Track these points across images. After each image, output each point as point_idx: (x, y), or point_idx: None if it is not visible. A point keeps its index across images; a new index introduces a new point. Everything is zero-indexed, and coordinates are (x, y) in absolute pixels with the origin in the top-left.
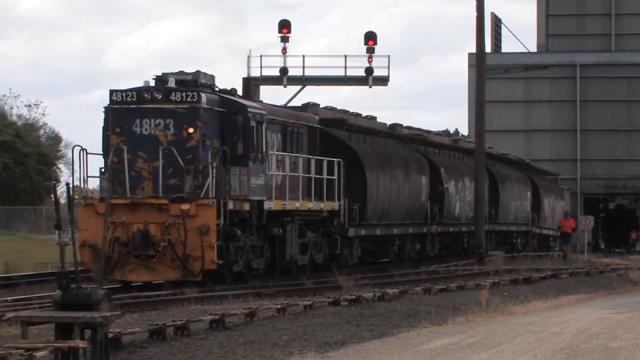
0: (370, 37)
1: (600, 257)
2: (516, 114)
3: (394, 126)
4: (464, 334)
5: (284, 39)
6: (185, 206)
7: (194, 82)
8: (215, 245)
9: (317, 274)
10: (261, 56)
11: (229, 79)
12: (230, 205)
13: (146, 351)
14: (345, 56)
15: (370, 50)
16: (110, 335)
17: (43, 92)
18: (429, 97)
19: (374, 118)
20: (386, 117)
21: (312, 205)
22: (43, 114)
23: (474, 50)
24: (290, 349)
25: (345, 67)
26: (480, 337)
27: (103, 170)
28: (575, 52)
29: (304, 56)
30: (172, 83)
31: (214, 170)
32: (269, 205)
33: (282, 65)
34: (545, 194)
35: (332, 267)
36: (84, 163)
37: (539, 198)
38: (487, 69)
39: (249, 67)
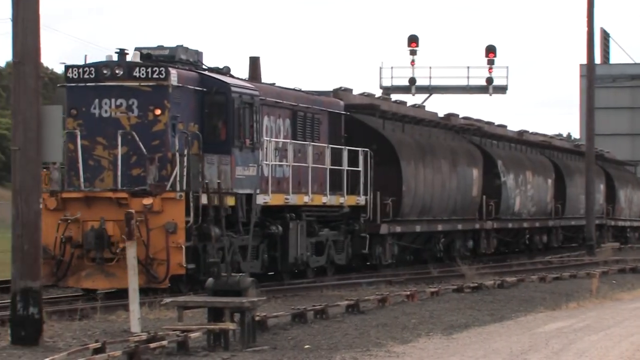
0: (491, 50)
1: None
2: (623, 119)
3: (449, 116)
4: (576, 318)
5: (412, 52)
6: (147, 200)
7: (169, 58)
8: (184, 247)
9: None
10: (392, 67)
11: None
12: (205, 199)
13: (289, 332)
14: (468, 67)
15: (491, 62)
16: (257, 318)
17: None
18: (544, 104)
19: (422, 107)
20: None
21: (327, 199)
22: None
23: (584, 62)
24: (418, 331)
25: (468, 77)
26: (590, 321)
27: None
28: None
29: (430, 67)
30: (136, 58)
31: (184, 159)
32: (263, 199)
33: (411, 75)
34: (621, 185)
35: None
36: None
37: (614, 189)
38: (596, 78)
39: (381, 78)
